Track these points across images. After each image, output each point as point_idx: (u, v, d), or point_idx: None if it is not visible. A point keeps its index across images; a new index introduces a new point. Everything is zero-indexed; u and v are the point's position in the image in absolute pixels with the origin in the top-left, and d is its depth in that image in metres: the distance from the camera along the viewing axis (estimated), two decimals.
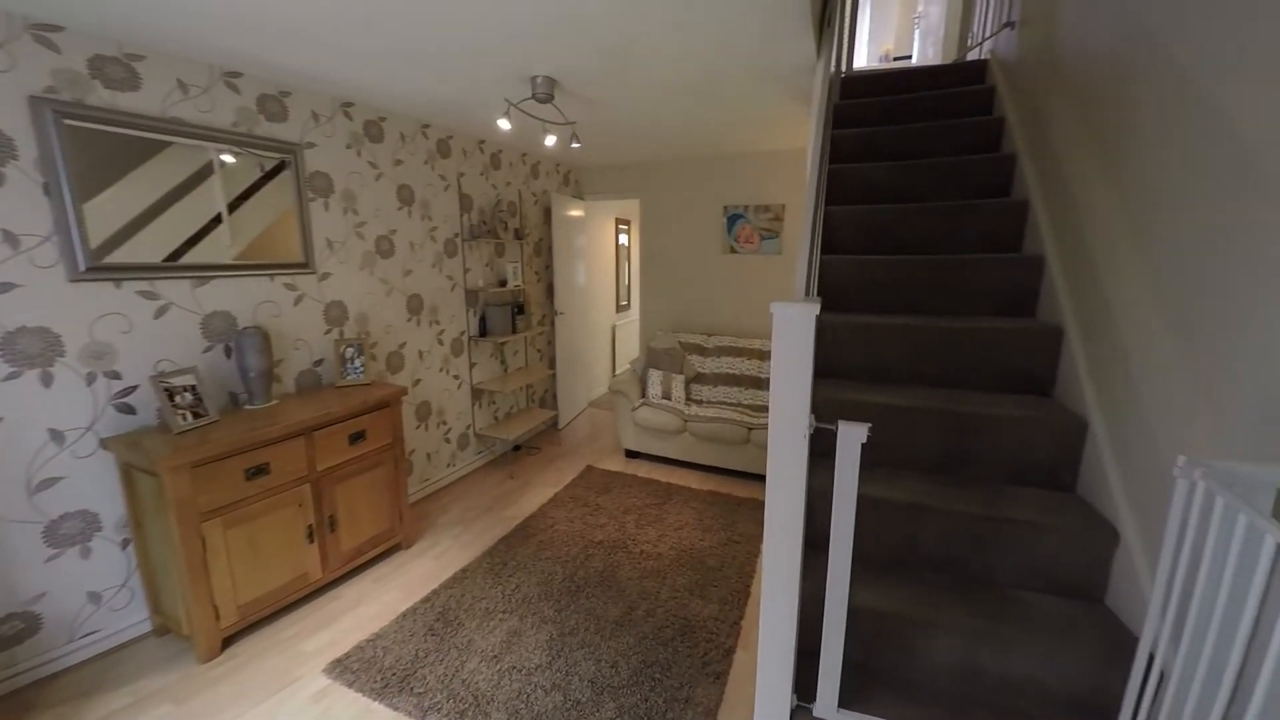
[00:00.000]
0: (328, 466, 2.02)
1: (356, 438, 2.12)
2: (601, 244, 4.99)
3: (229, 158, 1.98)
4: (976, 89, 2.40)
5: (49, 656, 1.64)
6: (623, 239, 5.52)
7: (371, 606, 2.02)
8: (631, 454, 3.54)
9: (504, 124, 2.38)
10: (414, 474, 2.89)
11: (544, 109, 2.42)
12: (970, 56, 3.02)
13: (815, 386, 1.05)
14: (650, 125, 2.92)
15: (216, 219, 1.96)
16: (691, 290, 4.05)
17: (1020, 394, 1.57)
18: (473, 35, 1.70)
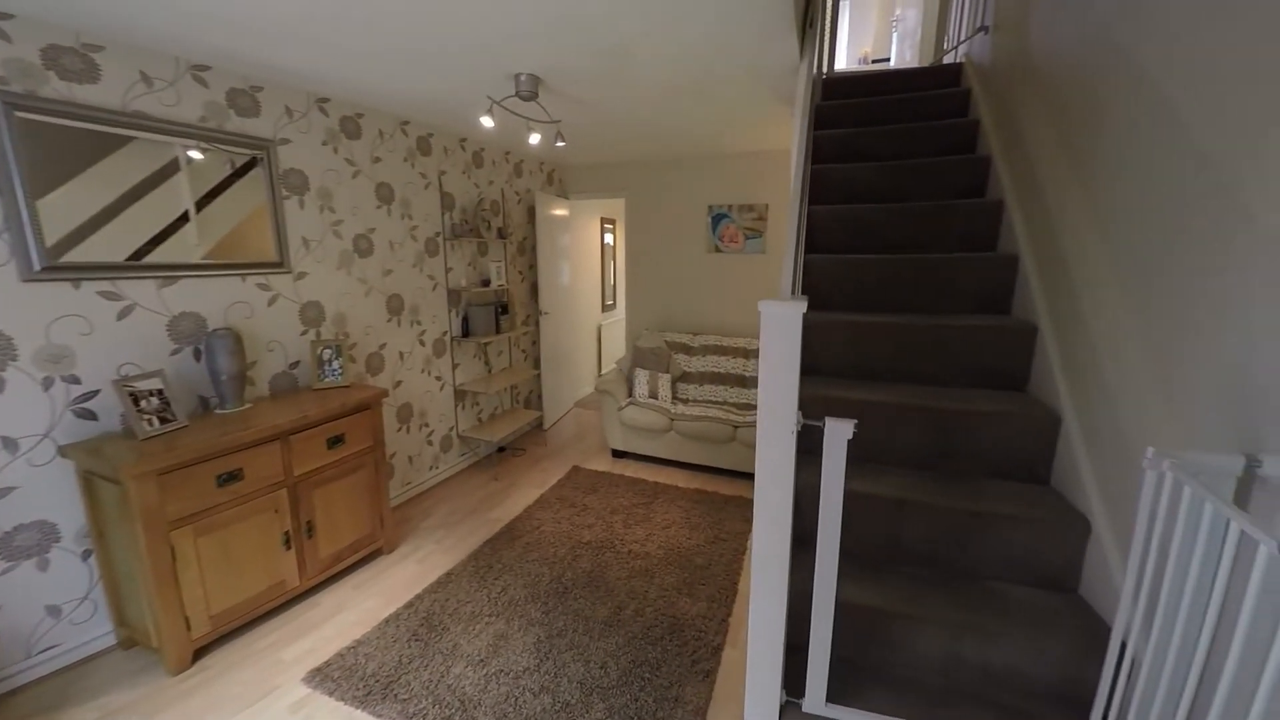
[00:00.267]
0: (305, 471, 1.96)
1: (335, 441, 2.07)
2: (586, 243, 4.96)
3: (196, 154, 1.91)
4: (952, 91, 2.46)
5: (3, 674, 1.55)
6: (608, 238, 5.50)
7: (352, 613, 1.97)
8: (618, 454, 3.53)
9: (487, 121, 2.35)
10: (395, 477, 2.84)
11: (528, 107, 2.39)
12: (946, 60, 3.10)
13: (800, 384, 1.06)
14: (636, 125, 2.92)
15: (184, 217, 1.88)
16: (677, 289, 4.06)
17: (997, 390, 1.61)
18: (460, 33, 1.67)
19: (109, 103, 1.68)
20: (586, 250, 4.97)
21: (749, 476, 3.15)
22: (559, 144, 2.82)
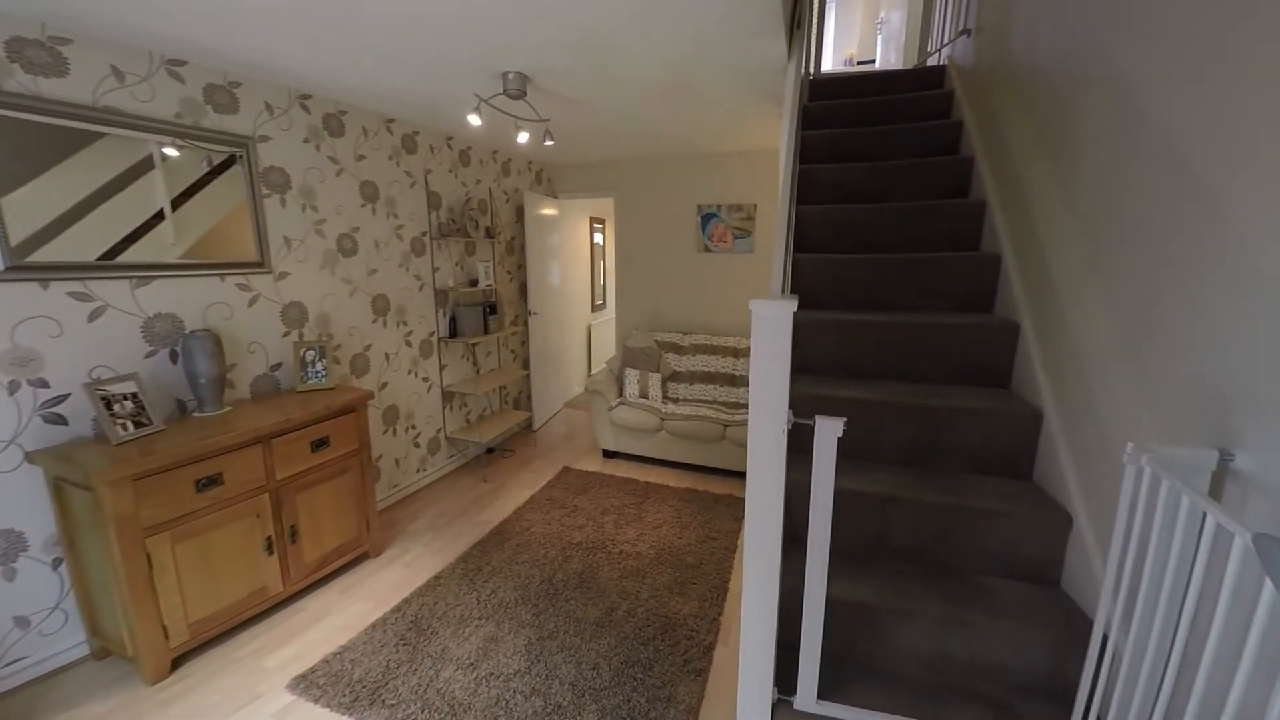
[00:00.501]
0: (288, 475, 1.92)
1: (319, 444, 2.03)
2: (576, 243, 4.94)
3: (172, 151, 1.85)
4: (936, 93, 2.49)
5: None
6: (597, 238, 5.49)
7: (338, 618, 1.94)
8: (609, 454, 3.52)
9: (474, 119, 2.33)
10: (382, 480, 2.79)
11: (516, 105, 2.37)
12: (930, 62, 3.14)
13: (789, 383, 1.06)
14: (625, 124, 2.91)
15: (159, 215, 1.83)
16: (667, 289, 4.06)
17: (981, 387, 1.63)
18: (443, 24, 1.63)
19: (78, 98, 1.63)
20: (576, 250, 4.95)
21: (739, 475, 3.16)
22: (548, 143, 2.80)
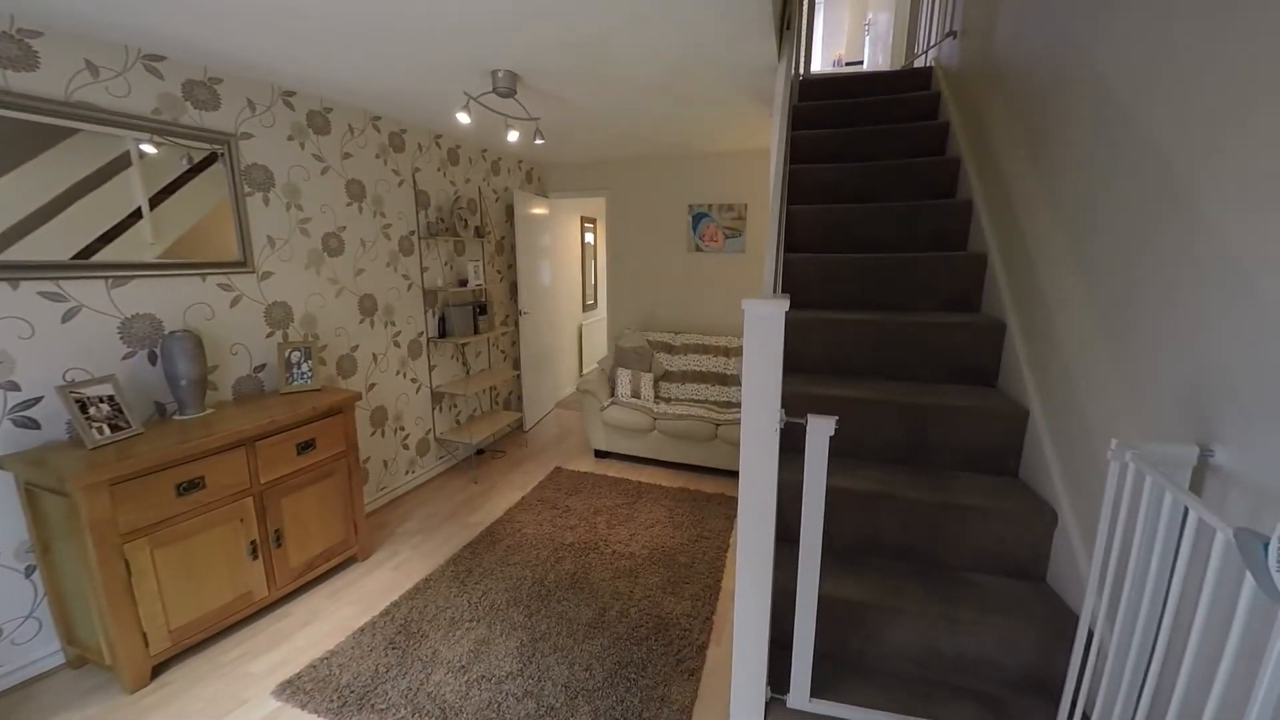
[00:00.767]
0: (273, 478, 1.89)
1: (305, 447, 1.99)
2: (566, 242, 4.91)
3: (149, 148, 1.81)
4: (923, 94, 2.51)
5: None
6: (588, 237, 5.46)
7: (325, 623, 1.91)
8: (601, 454, 3.51)
9: (463, 118, 2.30)
10: (370, 482, 2.76)
11: (506, 104, 2.34)
12: (917, 63, 3.17)
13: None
14: (616, 123, 2.90)
15: (136, 214, 1.78)
16: (658, 288, 4.06)
17: (968, 385, 1.65)
18: (430, 19, 1.61)
19: (49, 92, 1.58)
20: (567, 249, 4.93)
21: (731, 474, 3.16)
22: (538, 141, 2.78)
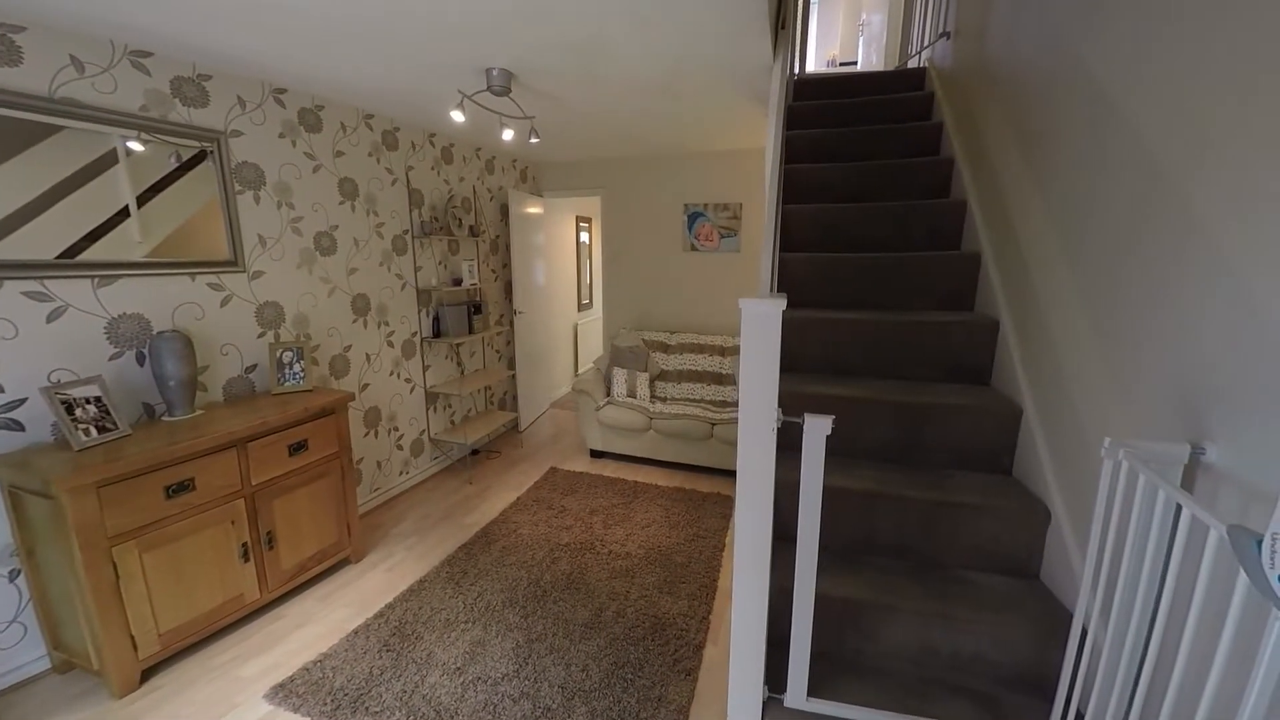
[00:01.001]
0: (265, 480, 1.86)
1: (297, 448, 1.97)
2: (562, 242, 4.90)
3: (137, 145, 1.78)
4: (917, 95, 2.52)
5: None
6: (583, 237, 5.45)
7: (318, 625, 1.89)
8: (596, 454, 3.50)
9: (457, 116, 2.28)
10: (363, 484, 2.73)
11: (500, 102, 2.33)
12: (911, 64, 3.18)
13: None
14: (611, 123, 2.89)
15: (123, 212, 1.76)
16: (654, 288, 4.05)
17: (962, 383, 1.65)
18: (423, 16, 1.59)
19: (33, 88, 1.55)
20: (562, 249, 4.91)
21: (727, 473, 3.17)
22: (533, 140, 2.77)
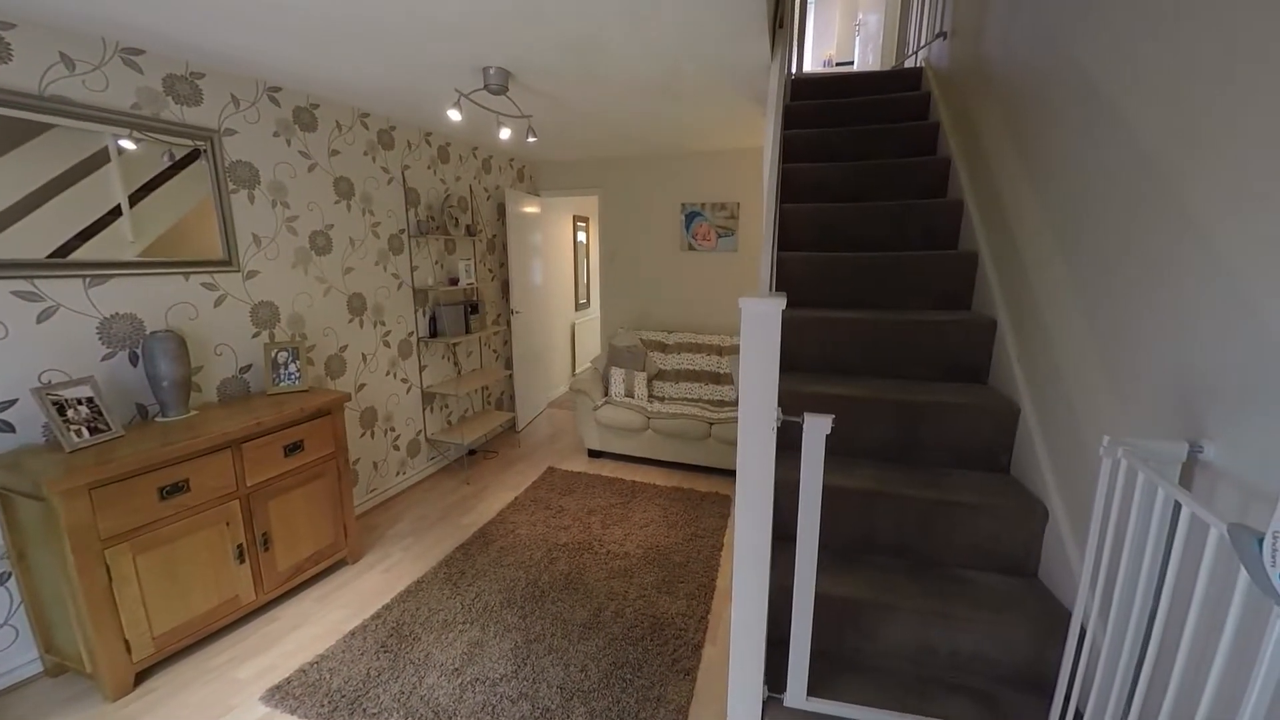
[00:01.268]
0: (260, 481, 1.85)
1: (293, 448, 1.96)
2: (559, 241, 4.89)
3: (129, 143, 1.76)
4: (914, 95, 2.53)
5: None
6: (581, 236, 5.44)
7: (315, 627, 1.87)
8: (594, 453, 3.49)
9: (454, 115, 2.27)
10: (359, 484, 2.72)
11: (498, 101, 2.32)
12: (907, 64, 3.19)
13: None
14: (609, 122, 2.88)
15: (115, 211, 1.74)
16: (652, 287, 4.05)
17: (960, 382, 1.65)
18: (423, 17, 1.58)
19: (23, 86, 1.53)
20: (559, 248, 4.90)
21: (725, 473, 3.17)
22: (530, 139, 2.76)
